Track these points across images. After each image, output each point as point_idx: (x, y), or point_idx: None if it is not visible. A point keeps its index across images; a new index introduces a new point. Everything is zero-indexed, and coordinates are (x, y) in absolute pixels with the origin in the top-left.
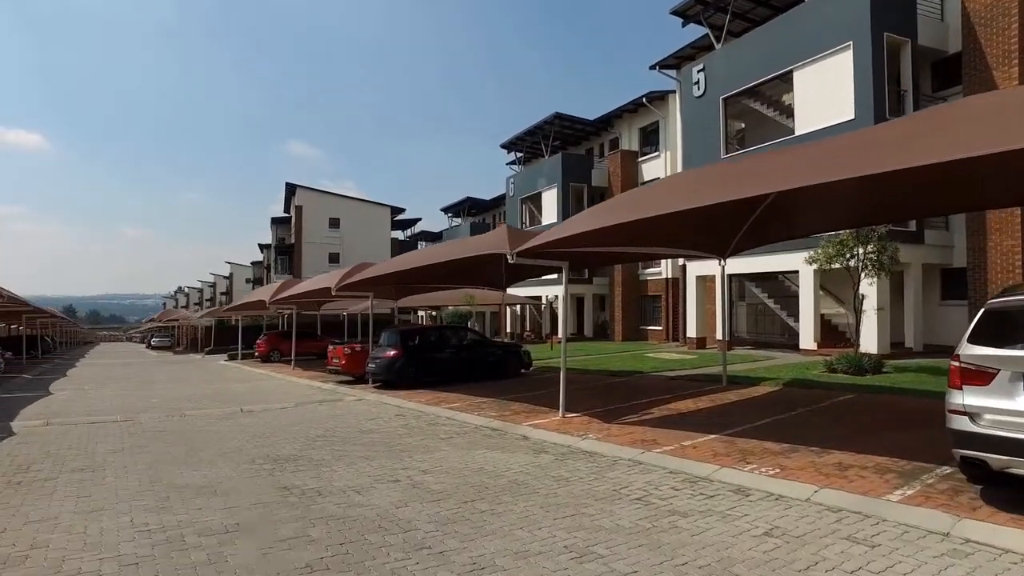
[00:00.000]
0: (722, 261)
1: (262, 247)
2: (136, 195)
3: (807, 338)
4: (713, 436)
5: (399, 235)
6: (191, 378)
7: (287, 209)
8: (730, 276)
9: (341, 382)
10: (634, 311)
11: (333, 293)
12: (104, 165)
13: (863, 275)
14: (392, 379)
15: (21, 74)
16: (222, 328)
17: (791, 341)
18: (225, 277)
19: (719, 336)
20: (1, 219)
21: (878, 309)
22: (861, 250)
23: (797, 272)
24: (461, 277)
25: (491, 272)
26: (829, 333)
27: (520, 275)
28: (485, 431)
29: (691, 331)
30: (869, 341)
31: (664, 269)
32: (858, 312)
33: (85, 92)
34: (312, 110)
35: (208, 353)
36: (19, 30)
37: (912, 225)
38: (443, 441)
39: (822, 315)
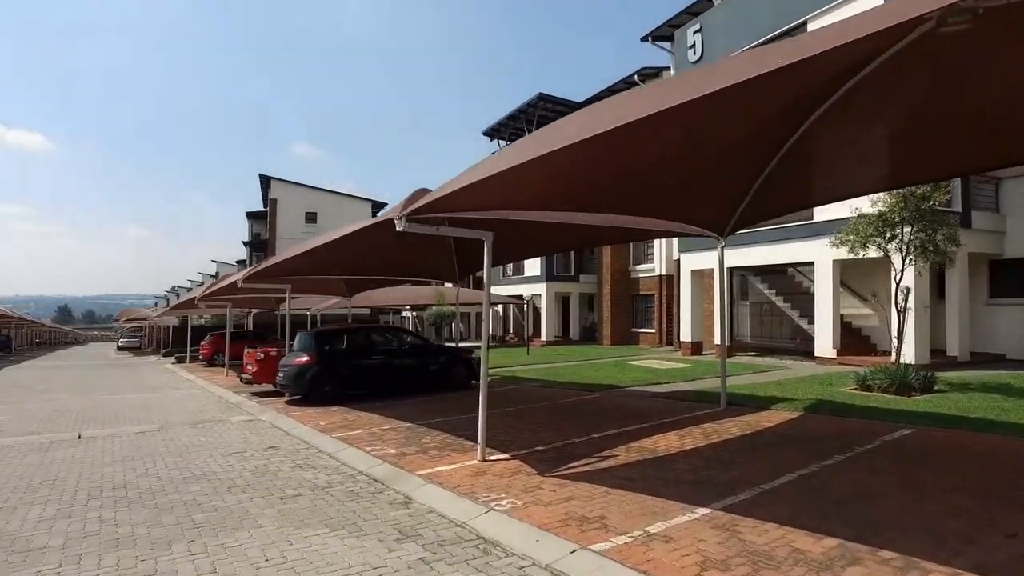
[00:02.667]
0: (721, 241)
1: (245, 244)
2: (138, 195)
3: (824, 344)
4: (703, 513)
5: None
6: (108, 385)
7: (265, 203)
8: (731, 270)
9: (258, 393)
10: (625, 312)
11: (239, 286)
12: (105, 165)
13: (908, 262)
14: (303, 392)
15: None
16: (186, 328)
17: (804, 347)
18: (212, 276)
19: (718, 340)
20: (1, 219)
21: (925, 307)
22: (908, 229)
23: (812, 264)
24: (398, 267)
25: (435, 261)
26: (850, 338)
27: (472, 263)
28: (361, 482)
29: (685, 334)
30: (905, 348)
31: (657, 265)
32: (901, 312)
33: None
34: (317, 111)
35: (166, 355)
36: (14, 31)
37: (956, 204)
38: (278, 503)
39: (841, 316)
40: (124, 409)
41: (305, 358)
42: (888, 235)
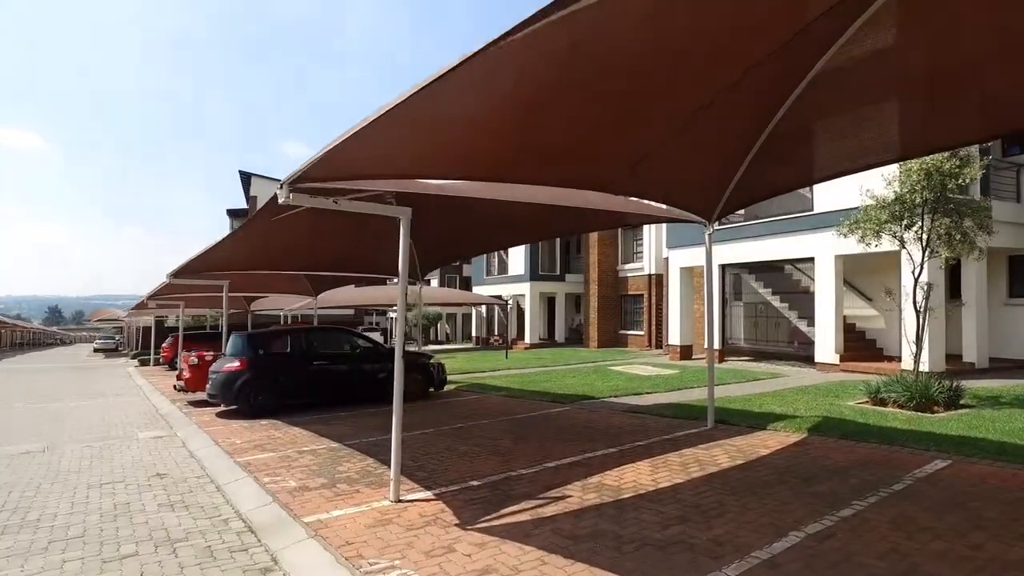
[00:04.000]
0: (709, 228)
1: None
2: (133, 195)
3: (826, 348)
4: None
5: None
6: (49, 391)
7: (247, 201)
8: (723, 267)
9: (196, 403)
10: (612, 313)
11: (169, 283)
12: (100, 165)
13: (928, 255)
14: (232, 402)
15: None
16: (161, 328)
17: (803, 352)
18: None
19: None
20: None
21: (960, 305)
22: (927, 222)
23: (812, 260)
24: (354, 262)
25: (392, 255)
26: (854, 342)
27: (434, 258)
28: (229, 533)
29: (674, 337)
30: (909, 351)
31: (646, 263)
32: (920, 312)
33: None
34: (308, 110)
35: (134, 356)
36: (12, 30)
37: (975, 192)
38: (94, 570)
39: (844, 317)
40: (37, 421)
41: (236, 364)
42: (906, 221)
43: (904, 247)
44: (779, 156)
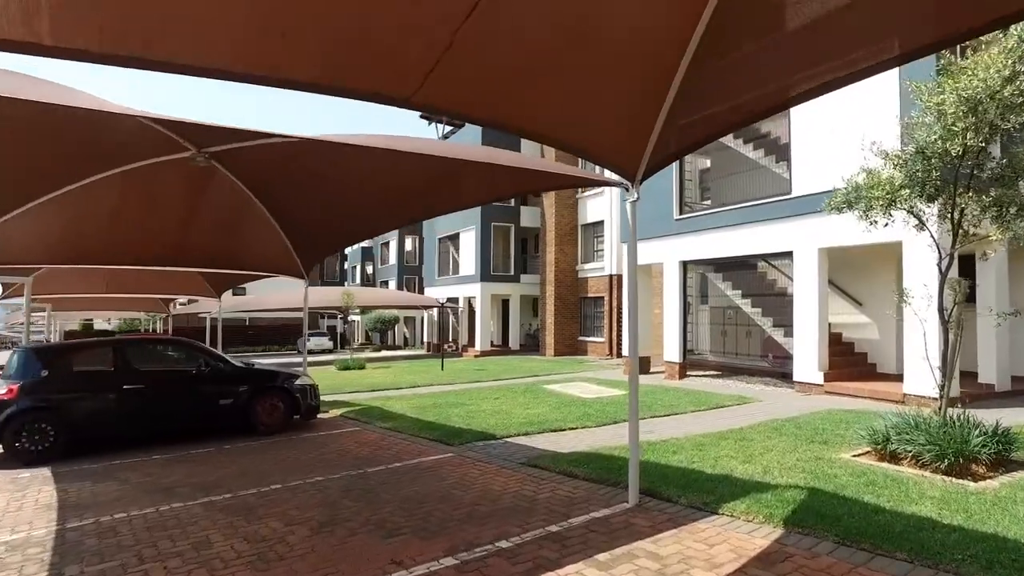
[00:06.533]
0: (632, 193)
1: None
2: None
3: (807, 364)
4: None
5: None
6: None
7: None
8: (683, 264)
9: None
10: (571, 318)
11: None
12: None
13: (963, 235)
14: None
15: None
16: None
17: (780, 367)
18: None
19: (669, 356)
20: None
21: (1013, 313)
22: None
23: (790, 255)
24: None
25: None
26: (841, 355)
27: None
28: None
29: (628, 347)
30: (919, 372)
31: (608, 262)
32: (948, 319)
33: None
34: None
35: None
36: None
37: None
38: None
39: (829, 325)
40: None
41: (3, 390)
42: (931, 189)
43: (925, 227)
44: (723, 72)
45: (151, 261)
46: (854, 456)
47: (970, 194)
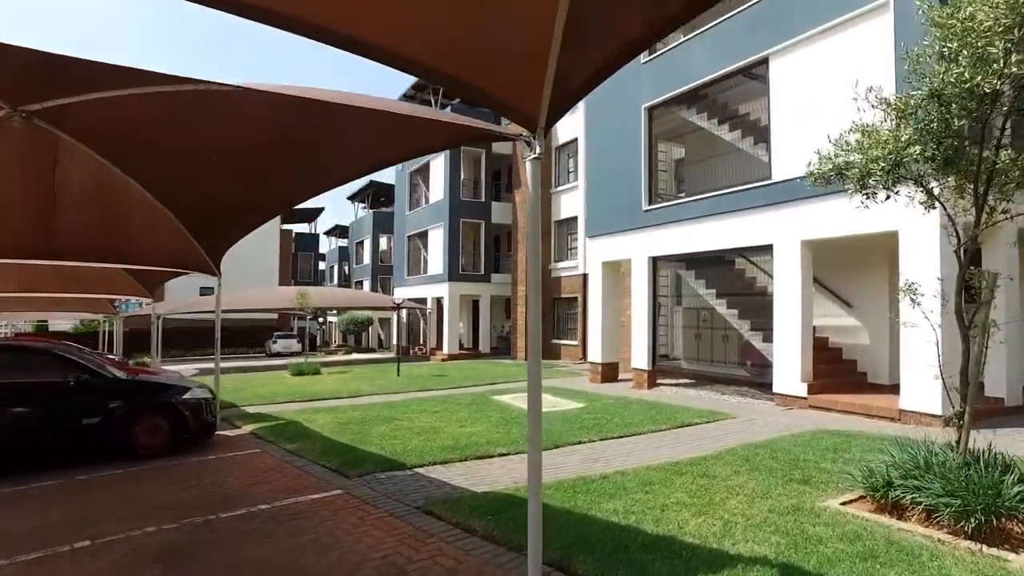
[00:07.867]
0: (535, 147)
1: None
2: None
3: (789, 374)
4: None
5: (303, 228)
6: None
7: None
8: (653, 260)
9: None
10: (543, 319)
11: None
12: None
13: (992, 208)
14: None
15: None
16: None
17: (759, 376)
18: None
19: (636, 363)
20: None
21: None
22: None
23: (770, 249)
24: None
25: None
26: (826, 363)
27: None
28: None
29: (594, 352)
30: (917, 385)
31: (581, 261)
32: (983, 326)
33: None
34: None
35: None
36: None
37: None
38: None
39: (813, 328)
40: None
41: None
42: (947, 150)
43: (936, 203)
44: None
45: (9, 253)
46: (843, 504)
47: (1009, 151)
